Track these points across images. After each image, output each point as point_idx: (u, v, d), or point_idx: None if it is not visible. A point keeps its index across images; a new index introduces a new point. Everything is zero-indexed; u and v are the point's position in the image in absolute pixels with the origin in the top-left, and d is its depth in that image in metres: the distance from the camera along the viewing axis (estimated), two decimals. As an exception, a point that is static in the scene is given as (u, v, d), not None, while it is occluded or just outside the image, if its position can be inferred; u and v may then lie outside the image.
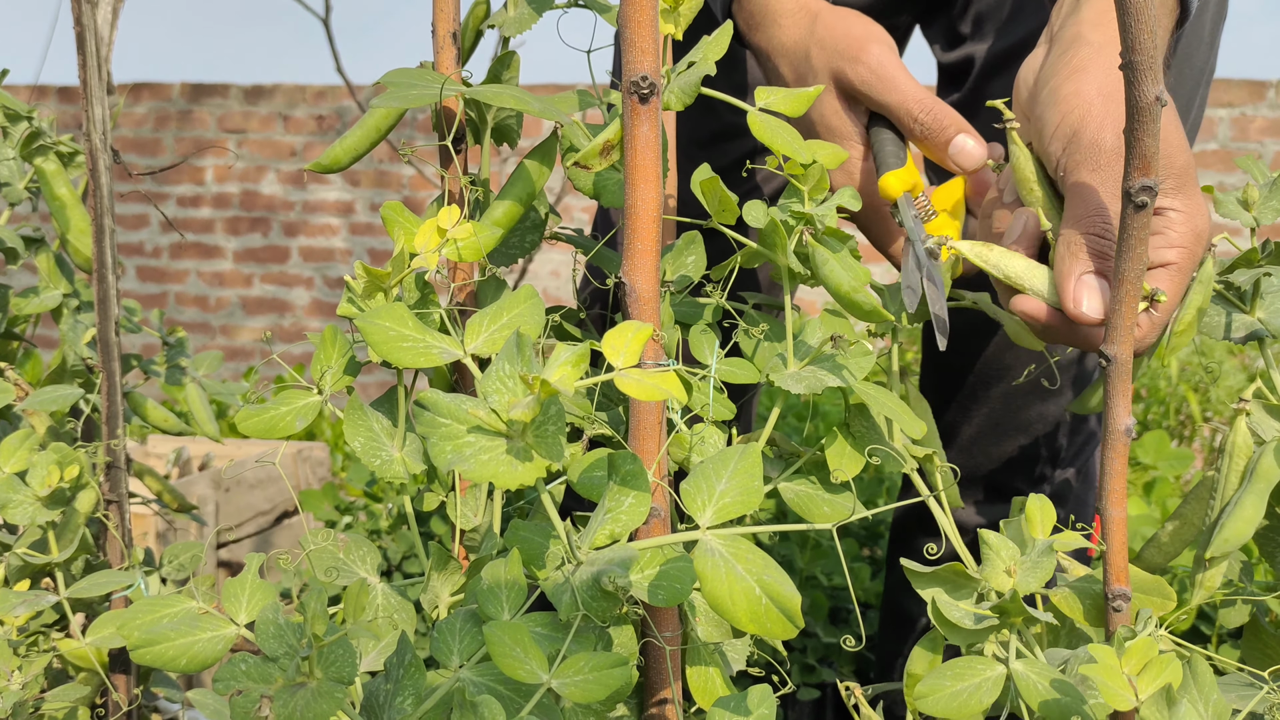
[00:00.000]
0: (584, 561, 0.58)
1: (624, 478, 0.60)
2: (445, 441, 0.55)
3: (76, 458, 0.83)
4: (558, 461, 0.55)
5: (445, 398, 0.55)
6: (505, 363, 0.56)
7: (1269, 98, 3.51)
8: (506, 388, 0.55)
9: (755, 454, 0.60)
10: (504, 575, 0.61)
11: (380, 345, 0.63)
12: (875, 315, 0.66)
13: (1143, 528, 1.77)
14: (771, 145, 0.67)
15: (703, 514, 0.58)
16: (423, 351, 0.63)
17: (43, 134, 0.95)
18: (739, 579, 0.54)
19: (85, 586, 0.81)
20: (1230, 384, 2.38)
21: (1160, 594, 0.66)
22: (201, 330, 4.32)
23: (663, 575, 0.60)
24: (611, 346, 0.56)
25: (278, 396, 0.72)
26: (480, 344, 0.65)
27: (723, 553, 0.55)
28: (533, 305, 0.67)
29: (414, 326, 0.64)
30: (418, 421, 0.56)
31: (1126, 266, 0.61)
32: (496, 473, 0.54)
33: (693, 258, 0.78)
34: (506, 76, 0.76)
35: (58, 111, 4.29)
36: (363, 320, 0.63)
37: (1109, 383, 0.63)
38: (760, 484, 0.59)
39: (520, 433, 0.55)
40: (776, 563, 0.57)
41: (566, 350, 0.56)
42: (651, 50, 0.62)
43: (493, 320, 0.66)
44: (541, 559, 0.61)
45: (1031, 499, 0.62)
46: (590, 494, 0.66)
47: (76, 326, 0.96)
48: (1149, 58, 0.55)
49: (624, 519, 0.60)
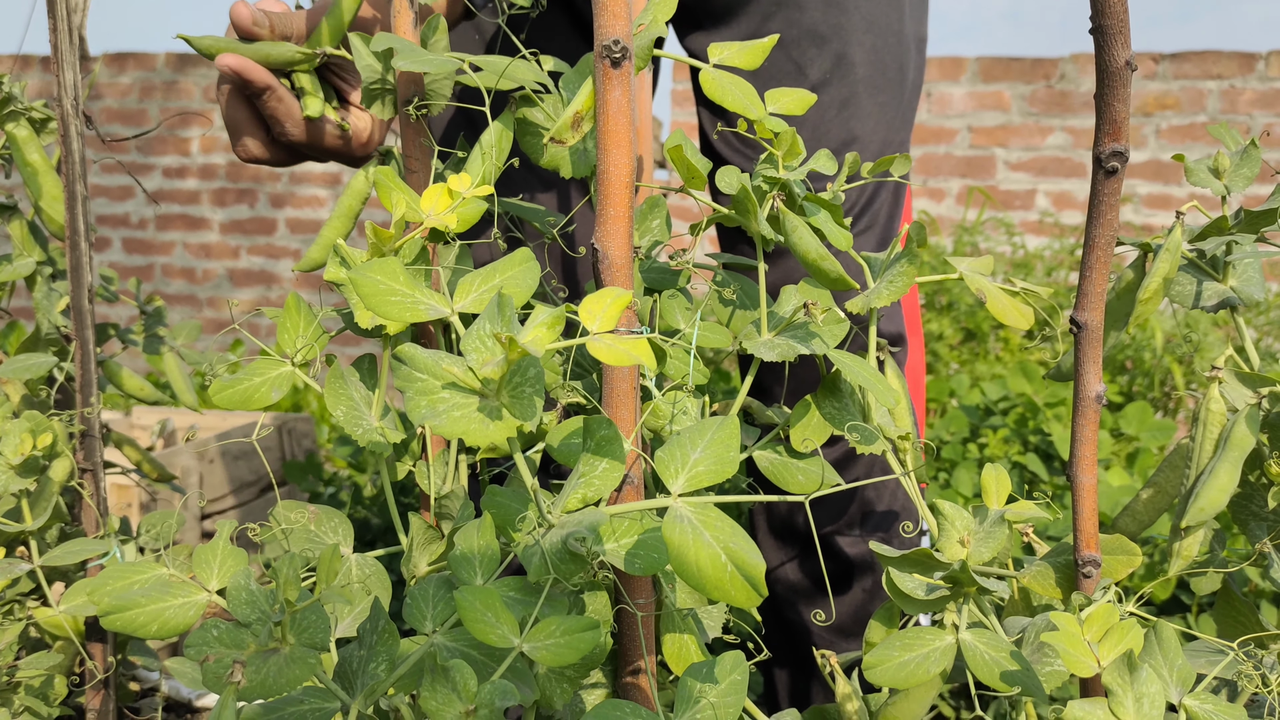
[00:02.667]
0: (555, 525, 0.58)
1: (598, 443, 0.60)
2: (420, 396, 0.54)
3: (50, 426, 0.82)
4: (530, 422, 0.54)
5: (423, 353, 0.55)
6: (487, 321, 0.55)
7: (1259, 70, 3.50)
8: (485, 346, 0.55)
9: (733, 424, 0.59)
10: (477, 540, 0.61)
11: (370, 298, 0.62)
12: (841, 283, 0.65)
13: (1124, 498, 1.77)
14: (724, 103, 0.66)
15: (675, 481, 0.58)
16: (410, 306, 0.62)
17: (14, 99, 0.94)
18: (705, 546, 0.54)
19: (59, 554, 0.81)
20: (1214, 355, 2.39)
21: (1124, 551, 0.66)
22: (188, 302, 4.30)
23: (640, 544, 0.60)
24: (588, 311, 0.56)
25: (250, 367, 0.72)
26: (468, 302, 0.65)
27: (691, 520, 0.55)
28: (526, 269, 0.67)
29: (405, 281, 0.63)
30: (395, 375, 0.55)
31: (1097, 232, 0.61)
32: (468, 429, 0.54)
33: (657, 221, 0.78)
34: (433, 41, 0.75)
35: (40, 82, 4.25)
36: (355, 273, 0.62)
37: (1079, 349, 0.63)
38: (736, 454, 0.59)
39: (495, 391, 0.55)
40: (744, 531, 0.57)
41: (544, 312, 0.56)
42: (624, 14, 0.61)
43: (484, 280, 0.66)
44: (515, 524, 0.61)
45: (988, 468, 0.62)
46: (567, 460, 0.66)
47: (50, 295, 0.95)
48: (1119, 22, 0.55)
49: (597, 484, 0.60)
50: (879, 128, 1.08)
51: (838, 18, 1.04)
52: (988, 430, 2.11)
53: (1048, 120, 3.66)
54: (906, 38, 1.09)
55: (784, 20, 1.04)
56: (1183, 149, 3.56)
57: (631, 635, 0.67)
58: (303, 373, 0.72)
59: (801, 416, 0.70)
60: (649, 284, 0.76)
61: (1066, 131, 3.65)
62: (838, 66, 1.05)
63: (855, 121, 1.06)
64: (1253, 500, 0.76)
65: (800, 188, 0.70)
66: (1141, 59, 3.57)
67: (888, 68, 1.07)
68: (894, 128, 1.09)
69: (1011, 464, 2.04)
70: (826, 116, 1.05)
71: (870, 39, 1.05)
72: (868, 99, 1.06)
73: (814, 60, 1.04)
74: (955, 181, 3.74)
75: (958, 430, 2.15)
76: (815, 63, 1.04)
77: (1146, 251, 0.75)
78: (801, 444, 0.69)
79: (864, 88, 1.06)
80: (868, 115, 1.07)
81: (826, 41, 1.04)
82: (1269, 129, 3.43)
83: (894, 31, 1.07)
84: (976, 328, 2.81)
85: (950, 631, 0.58)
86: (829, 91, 1.05)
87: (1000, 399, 2.19)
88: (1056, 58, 3.66)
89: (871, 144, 1.07)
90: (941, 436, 2.16)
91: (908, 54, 1.09)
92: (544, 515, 0.58)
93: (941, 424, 2.19)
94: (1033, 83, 3.66)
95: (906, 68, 1.09)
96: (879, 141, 1.08)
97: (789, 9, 1.04)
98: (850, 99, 1.06)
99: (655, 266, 0.77)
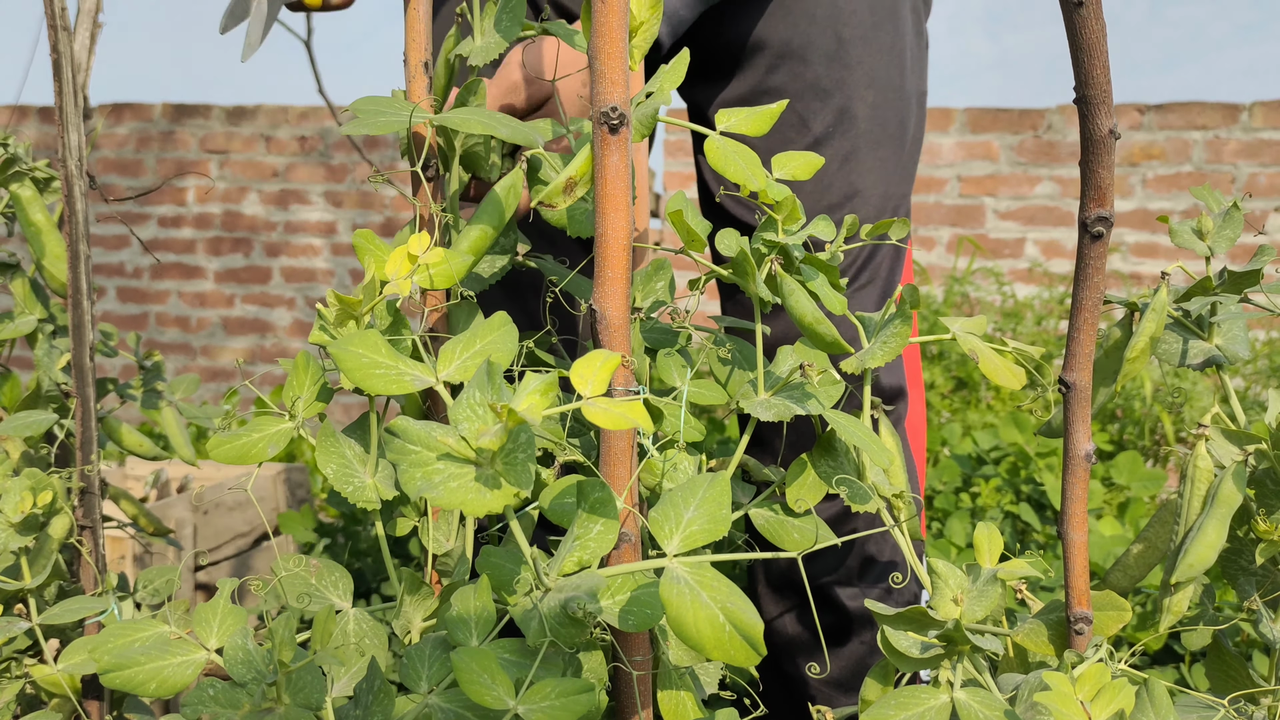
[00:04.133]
0: (552, 588, 0.59)
1: (592, 505, 0.60)
2: (415, 469, 0.55)
3: (50, 483, 0.83)
4: (526, 489, 0.55)
5: (416, 425, 0.56)
6: (476, 390, 0.56)
7: (1242, 120, 3.56)
8: (476, 415, 0.56)
9: (724, 483, 0.60)
10: (473, 602, 0.62)
11: (353, 372, 0.63)
12: (836, 347, 0.66)
13: (1116, 548, 1.78)
14: (726, 174, 0.67)
15: (670, 541, 0.59)
16: (395, 379, 0.64)
17: (18, 160, 0.95)
18: (703, 606, 0.54)
19: (58, 613, 0.81)
20: (1203, 404, 2.41)
21: (1114, 607, 0.67)
22: (182, 351, 4.30)
23: (633, 601, 0.61)
24: (580, 376, 0.57)
25: (250, 423, 0.73)
26: (452, 371, 0.66)
27: (688, 580, 0.56)
28: (505, 333, 0.68)
29: (387, 353, 0.65)
30: (388, 448, 0.56)
31: (1084, 295, 0.62)
32: (465, 500, 0.54)
33: (662, 283, 0.79)
34: (474, 103, 0.77)
35: (38, 132, 4.29)
36: (336, 347, 0.64)
37: (1069, 408, 0.64)
38: (728, 513, 0.59)
39: (490, 460, 0.56)
40: (741, 590, 0.57)
41: (535, 379, 0.57)
42: (621, 82, 0.63)
43: (465, 347, 0.67)
44: (511, 585, 0.62)
45: (980, 527, 0.63)
46: (561, 520, 0.66)
47: (51, 352, 0.96)
48: (1102, 92, 0.57)
49: (592, 546, 0.60)
50: (880, 182, 1.09)
51: (841, 73, 1.06)
52: (980, 480, 2.12)
53: (1035, 170, 3.71)
54: (908, 93, 1.10)
55: (788, 73, 1.06)
56: (1168, 199, 3.60)
57: (628, 693, 0.68)
58: (303, 429, 0.73)
59: (797, 475, 0.71)
60: (650, 343, 0.77)
61: (1054, 181, 3.69)
62: (840, 121, 1.07)
63: (857, 175, 1.08)
64: (1241, 555, 0.77)
65: (799, 251, 0.71)
66: (1126, 110, 3.62)
67: (889, 122, 1.09)
68: (895, 182, 1.11)
69: (1004, 514, 2.05)
70: (829, 170, 1.07)
71: (872, 94, 1.07)
72: (869, 153, 1.08)
73: (817, 114, 1.06)
74: (945, 230, 3.77)
75: (950, 480, 2.15)
76: (818, 117, 1.06)
77: (1133, 310, 0.77)
78: (796, 503, 0.70)
79: (865, 142, 1.08)
80: (869, 169, 1.09)
81: (830, 96, 1.06)
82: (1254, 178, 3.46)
83: (895, 87, 1.09)
84: (968, 376, 2.83)
85: (945, 689, 0.59)
86: (831, 146, 1.06)
87: (992, 448, 2.20)
88: (1043, 109, 3.71)
89: (873, 198, 1.09)
90: (934, 486, 2.16)
91: (909, 109, 1.11)
92: (540, 579, 0.58)
93: (934, 473, 2.19)
94: (1020, 133, 3.71)
95: (908, 122, 1.11)
96: (880, 195, 1.10)
97: (793, 62, 1.06)
98: (852, 153, 1.07)
99: (656, 326, 0.78)
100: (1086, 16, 0.56)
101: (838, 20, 1.05)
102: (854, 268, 1.10)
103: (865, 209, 1.08)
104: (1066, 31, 0.57)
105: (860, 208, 1.08)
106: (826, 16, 1.05)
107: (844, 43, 1.05)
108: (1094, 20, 0.56)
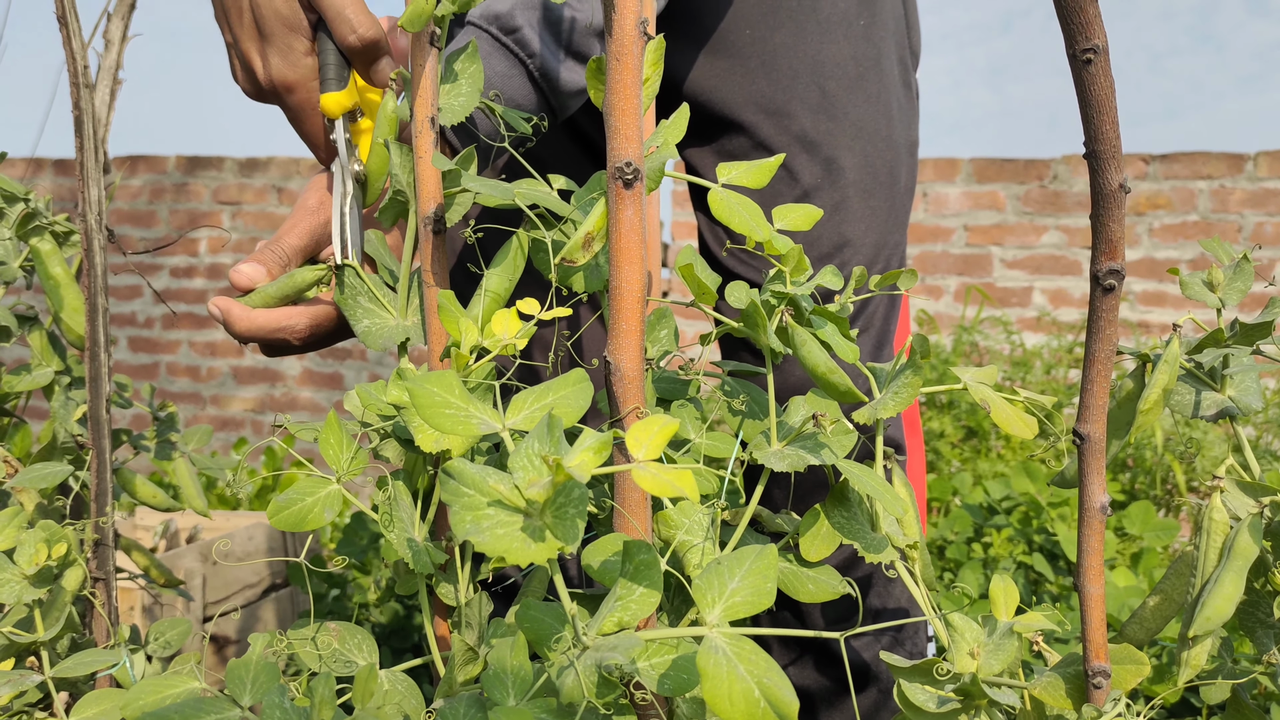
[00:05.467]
0: (590, 646, 0.58)
1: (637, 568, 0.60)
2: (466, 511, 0.55)
3: (65, 535, 0.83)
4: (573, 545, 0.55)
5: (471, 468, 0.56)
6: (535, 441, 0.56)
7: (1248, 170, 3.58)
8: (532, 466, 0.55)
9: (771, 556, 0.59)
10: (510, 660, 0.61)
11: (425, 409, 0.62)
12: (850, 396, 0.67)
13: (1130, 599, 1.77)
14: (730, 225, 0.68)
15: (712, 610, 0.58)
16: (463, 420, 0.63)
17: (39, 214, 0.97)
18: (740, 679, 0.54)
19: (71, 665, 0.81)
20: (1215, 454, 2.40)
21: (1132, 661, 0.66)
22: (192, 400, 4.31)
23: (673, 666, 0.60)
24: (635, 440, 0.56)
25: (299, 487, 0.71)
26: (520, 420, 0.65)
27: (726, 651, 0.55)
28: (580, 389, 0.67)
29: (460, 395, 0.64)
30: (442, 488, 0.56)
31: (1097, 347, 0.63)
32: (509, 548, 0.54)
33: (665, 332, 0.80)
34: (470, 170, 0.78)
35: (53, 184, 4.33)
36: (413, 383, 0.63)
37: (1083, 461, 0.64)
38: (774, 585, 0.58)
39: (539, 511, 0.55)
40: (778, 665, 0.57)
41: (592, 436, 0.56)
42: (635, 138, 0.64)
43: (537, 399, 0.66)
44: (550, 641, 0.61)
45: (995, 579, 0.63)
46: (605, 579, 0.66)
47: (68, 404, 0.97)
48: (1111, 148, 0.57)
49: (634, 608, 0.60)
50: (870, 231, 1.11)
51: (827, 124, 1.08)
52: (992, 530, 2.11)
53: (1042, 219, 3.72)
54: (896, 143, 1.12)
55: (775, 127, 1.07)
56: (1175, 247, 3.61)
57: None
58: (348, 493, 0.73)
59: (810, 526, 0.71)
60: (661, 394, 0.77)
61: (1060, 230, 3.71)
62: (828, 172, 1.08)
63: (847, 225, 1.09)
64: (1259, 608, 0.77)
65: (807, 302, 0.72)
66: (1132, 160, 3.64)
67: (878, 172, 1.10)
68: (886, 230, 1.12)
69: (1017, 564, 2.03)
70: (820, 220, 1.08)
71: (860, 145, 1.09)
72: (859, 203, 1.10)
73: (805, 167, 1.08)
74: (953, 279, 3.78)
75: (962, 530, 2.14)
76: (806, 169, 1.08)
77: (1145, 361, 0.77)
78: (811, 554, 0.70)
79: (855, 192, 1.09)
80: (859, 219, 1.10)
81: (817, 148, 1.08)
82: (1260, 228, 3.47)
83: (883, 137, 1.10)
84: (978, 425, 2.82)
85: (963, 745, 0.59)
86: (820, 197, 1.08)
87: (1004, 498, 2.19)
88: (1049, 159, 3.74)
89: (864, 247, 1.10)
90: (946, 536, 2.15)
91: (898, 158, 1.12)
92: (579, 637, 0.58)
93: (945, 523, 2.18)
94: (1026, 183, 3.74)
95: (898, 172, 1.12)
96: (871, 245, 1.11)
97: (779, 116, 1.07)
98: (841, 203, 1.09)
99: (665, 376, 0.79)
100: (1095, 74, 0.57)
101: (820, 73, 1.07)
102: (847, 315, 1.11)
103: (857, 258, 1.09)
104: (1076, 88, 0.58)
105: (851, 257, 1.09)
106: (809, 70, 1.07)
107: (828, 95, 1.07)
108: (1103, 77, 0.57)
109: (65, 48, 0.89)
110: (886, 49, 1.12)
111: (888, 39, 1.12)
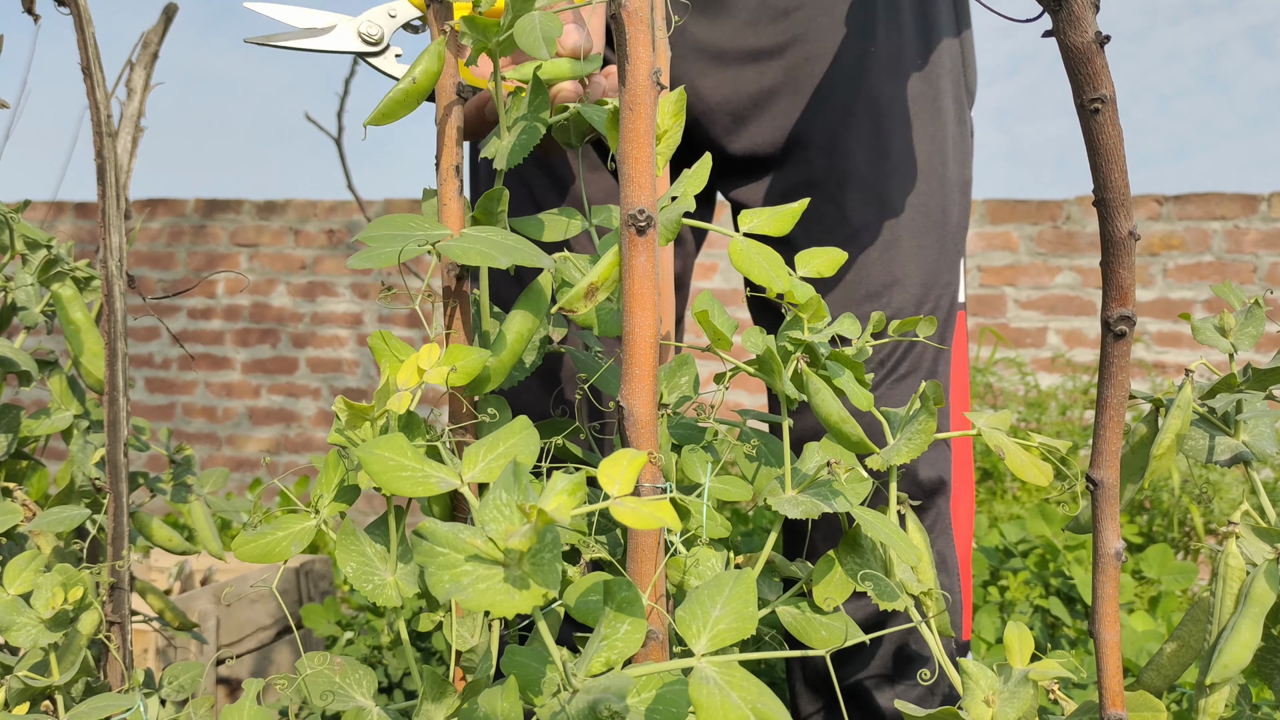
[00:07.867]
0: (580, 689, 0.59)
1: (619, 604, 0.61)
2: (443, 570, 0.55)
3: (81, 579, 0.83)
4: (554, 590, 0.55)
5: (443, 527, 0.56)
6: (502, 491, 0.57)
7: (1261, 211, 3.57)
8: (503, 516, 0.56)
9: (750, 580, 0.60)
10: (500, 704, 0.62)
11: (379, 475, 0.64)
12: (862, 446, 0.67)
13: (1149, 643, 1.75)
14: (749, 276, 0.69)
15: (698, 641, 0.59)
16: (420, 480, 0.64)
17: (60, 260, 0.98)
18: (734, 707, 0.54)
19: (85, 710, 0.81)
20: (1232, 496, 2.38)
21: (1149, 708, 0.66)
22: (208, 441, 4.33)
23: (659, 699, 0.60)
24: (607, 475, 0.57)
25: (274, 521, 0.73)
26: (477, 473, 0.66)
27: (718, 680, 0.56)
28: (527, 437, 0.68)
29: (412, 456, 0.65)
30: (416, 551, 0.57)
31: (1109, 393, 0.63)
32: (494, 601, 0.55)
33: (686, 378, 0.80)
34: (498, 210, 0.78)
35: (74, 227, 4.38)
36: (362, 451, 0.64)
37: (1097, 506, 0.64)
38: (755, 610, 0.59)
39: (517, 561, 0.56)
40: (770, 689, 0.57)
41: (563, 479, 0.57)
42: (649, 185, 0.65)
43: (489, 450, 0.67)
44: (538, 685, 0.62)
45: (1010, 626, 0.63)
46: (586, 619, 0.66)
47: (86, 447, 0.98)
48: (1120, 195, 0.58)
49: (620, 646, 0.60)
50: (920, 270, 1.10)
51: (880, 162, 1.07)
52: (1008, 573, 2.09)
53: (1055, 260, 3.73)
54: (950, 182, 1.11)
55: (827, 166, 1.07)
56: (1190, 288, 3.60)
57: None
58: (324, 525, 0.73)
59: (824, 573, 0.71)
60: (677, 439, 0.78)
61: (1074, 271, 3.71)
62: (881, 210, 1.08)
63: (897, 264, 1.09)
64: (1276, 654, 0.76)
65: (825, 348, 0.72)
66: (1145, 201, 3.65)
67: (931, 210, 1.10)
68: (936, 270, 1.11)
69: (1034, 608, 2.02)
70: (870, 258, 1.07)
71: (913, 183, 1.08)
72: (910, 241, 1.09)
73: (857, 205, 1.07)
74: (967, 320, 3.78)
75: (978, 573, 2.13)
76: (858, 207, 1.07)
77: (1158, 406, 0.77)
78: (824, 601, 0.70)
79: (906, 230, 1.09)
80: (909, 258, 1.09)
81: (870, 186, 1.07)
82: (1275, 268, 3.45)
83: (938, 176, 1.10)
84: (993, 467, 2.81)
85: (978, 794, 0.58)
86: (870, 234, 1.07)
87: (1020, 541, 2.18)
88: (1061, 200, 3.75)
89: (913, 286, 1.09)
90: (961, 579, 2.13)
91: (950, 197, 1.12)
92: (568, 679, 0.58)
93: (961, 566, 2.17)
94: (1039, 224, 3.74)
95: (950, 210, 1.12)
96: (920, 284, 1.10)
97: (833, 155, 1.07)
98: (893, 241, 1.08)
99: (682, 421, 0.79)
100: (1103, 123, 0.57)
101: (876, 111, 1.07)
102: (893, 358, 1.10)
103: (904, 297, 1.08)
104: (1084, 137, 0.58)
105: (899, 296, 1.08)
106: (864, 109, 1.07)
107: (883, 133, 1.07)
108: (1110, 126, 0.57)
109: (89, 98, 0.91)
110: (943, 87, 1.11)
111: (944, 77, 1.12)
